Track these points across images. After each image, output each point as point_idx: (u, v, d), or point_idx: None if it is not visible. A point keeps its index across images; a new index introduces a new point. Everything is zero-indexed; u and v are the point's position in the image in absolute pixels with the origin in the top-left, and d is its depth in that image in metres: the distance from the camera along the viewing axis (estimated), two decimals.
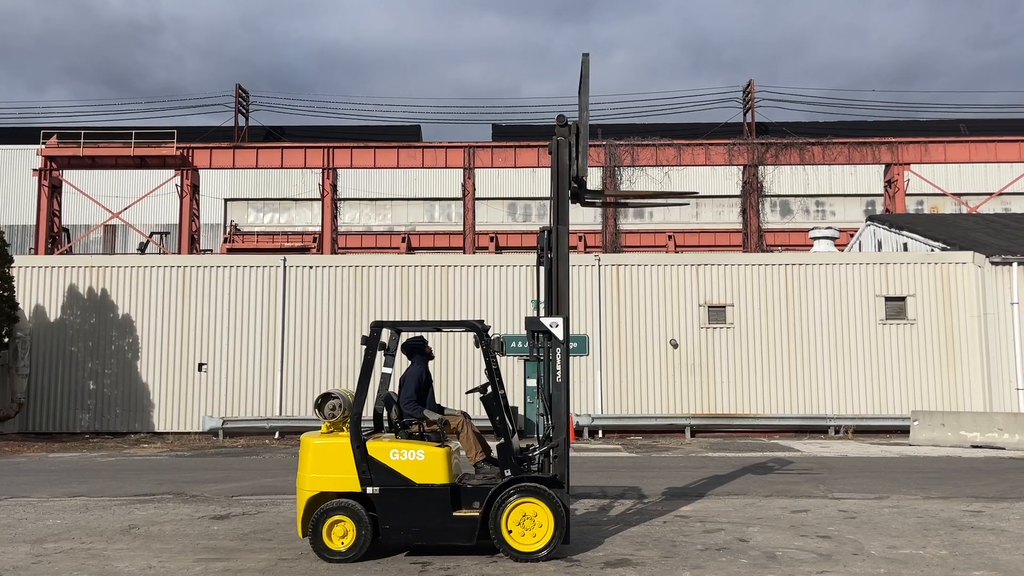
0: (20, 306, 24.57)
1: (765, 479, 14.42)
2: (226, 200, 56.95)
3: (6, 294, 23.36)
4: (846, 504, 11.55)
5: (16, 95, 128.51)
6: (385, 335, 8.91)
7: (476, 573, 7.77)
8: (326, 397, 8.70)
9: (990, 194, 47.21)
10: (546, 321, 8.75)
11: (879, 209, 49.57)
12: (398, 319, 24.34)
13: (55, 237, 41.65)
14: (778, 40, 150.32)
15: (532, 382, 23.83)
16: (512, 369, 24.45)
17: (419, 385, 8.97)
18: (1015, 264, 24.44)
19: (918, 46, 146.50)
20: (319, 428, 8.85)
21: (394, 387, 9.05)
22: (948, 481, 14.09)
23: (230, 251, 48.89)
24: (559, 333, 8.64)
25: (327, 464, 8.38)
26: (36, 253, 40.46)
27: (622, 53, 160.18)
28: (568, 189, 9.31)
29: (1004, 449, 20.31)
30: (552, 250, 9.11)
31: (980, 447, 20.76)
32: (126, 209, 43.76)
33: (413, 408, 8.80)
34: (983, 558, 8.24)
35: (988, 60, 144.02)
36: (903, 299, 25.35)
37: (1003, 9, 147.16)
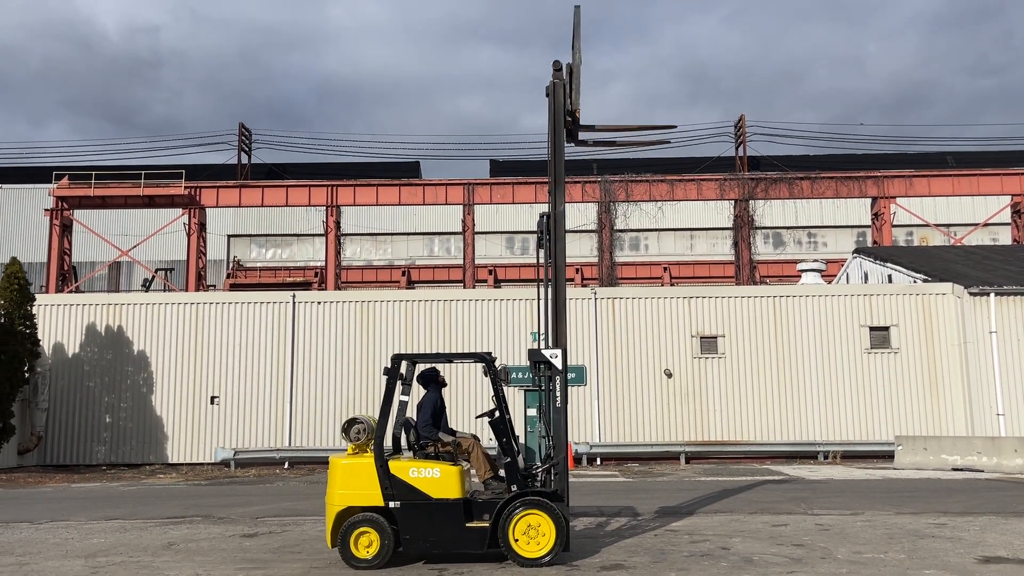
0: (41, 342, 25.59)
1: (751, 499, 15.43)
2: (229, 236, 58.18)
3: (28, 331, 24.42)
4: (823, 519, 12.59)
5: (15, 130, 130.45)
6: (403, 366, 9.99)
7: None
8: (352, 422, 9.77)
9: (976, 225, 48.52)
10: (547, 352, 9.87)
11: (870, 240, 50.84)
12: (404, 352, 25.40)
13: (65, 275, 42.79)
14: (775, 70, 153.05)
15: (532, 411, 24.80)
16: (512, 400, 25.45)
17: (434, 411, 10.06)
18: (992, 295, 25.57)
19: (915, 75, 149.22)
20: (328, 458, 9.92)
21: (411, 413, 10.12)
22: (922, 499, 15.12)
23: (233, 287, 49.98)
24: (558, 363, 9.76)
25: (353, 481, 9.42)
26: (47, 291, 41.53)
27: (620, 84, 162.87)
28: (564, 128, 10.63)
29: (983, 472, 21.31)
30: (550, 233, 10.34)
31: (960, 470, 21.77)
32: (135, 247, 44.91)
33: (429, 431, 9.88)
34: (936, 560, 9.28)
35: (984, 88, 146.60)
36: (887, 329, 26.47)
37: (999, 38, 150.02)
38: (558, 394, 9.77)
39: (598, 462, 25.61)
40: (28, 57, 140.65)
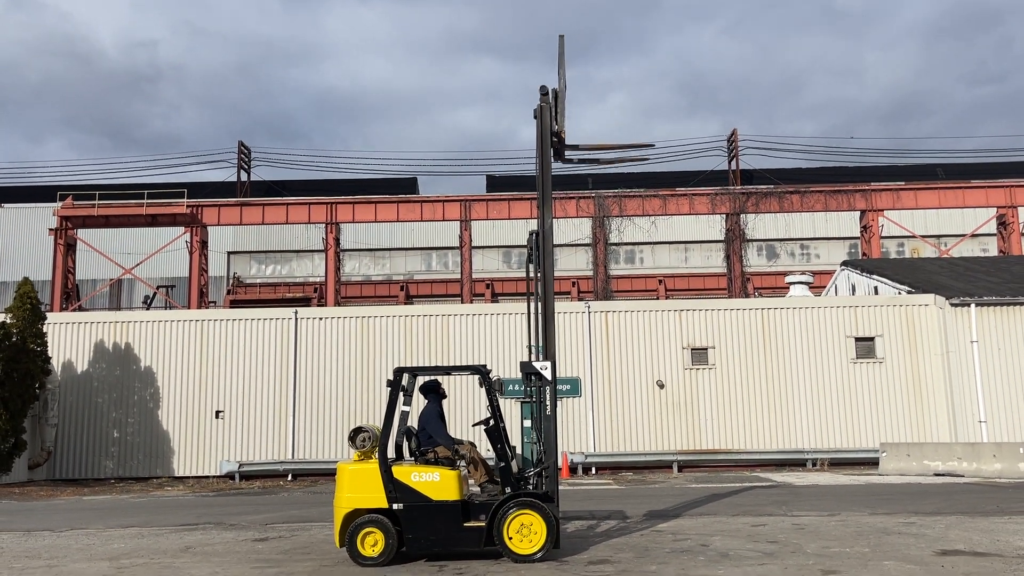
0: (51, 359, 26.33)
1: (736, 503, 16.21)
2: (229, 253, 59.00)
3: (39, 349, 25.17)
4: (800, 520, 13.37)
5: (13, 147, 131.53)
6: (404, 379, 10.78)
7: (483, 572, 9.57)
8: (357, 431, 10.56)
9: (964, 236, 49.43)
10: (537, 364, 10.69)
11: (861, 251, 51.71)
12: (405, 366, 26.19)
13: (69, 293, 43.56)
14: (773, 81, 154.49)
15: (528, 423, 25.57)
16: (510, 412, 26.20)
17: (442, 421, 10.90)
18: (973, 305, 26.42)
19: (913, 84, 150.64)
20: (331, 469, 10.71)
21: (412, 422, 10.92)
22: (897, 502, 15.90)
23: (233, 303, 50.76)
24: (548, 374, 10.57)
25: (360, 485, 10.20)
26: (51, 309, 42.28)
27: (619, 96, 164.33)
28: (551, 147, 11.50)
29: (963, 476, 22.10)
30: (538, 249, 11.18)
31: (942, 475, 22.56)
32: (137, 265, 45.70)
33: (448, 441, 10.70)
34: (897, 553, 10.07)
35: (983, 97, 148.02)
36: (872, 339, 27.29)
37: (997, 46, 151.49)
38: (548, 402, 10.57)
39: (593, 471, 26.36)
40: (26, 74, 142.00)
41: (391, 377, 10.63)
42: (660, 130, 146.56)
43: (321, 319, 28.13)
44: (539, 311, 11.36)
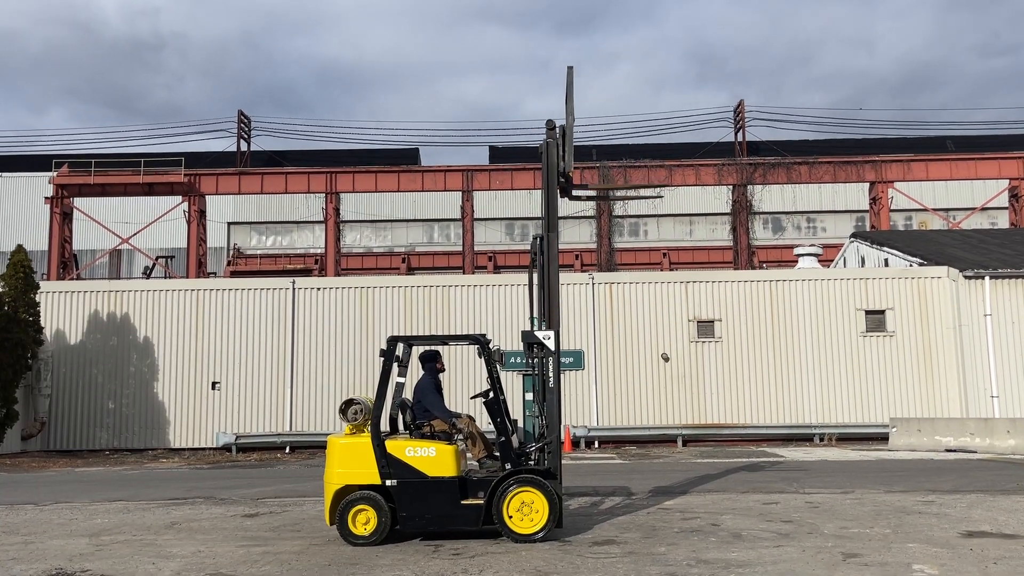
0: (44, 329, 25.79)
1: (745, 479, 15.66)
2: (229, 224, 58.37)
3: (31, 318, 24.63)
4: (813, 497, 12.81)
5: (15, 117, 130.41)
6: (399, 348, 10.19)
7: (482, 552, 9.02)
8: (349, 403, 9.98)
9: (974, 209, 48.63)
10: (540, 334, 10.07)
11: (868, 224, 50.93)
12: (399, 334, 25.61)
13: (66, 263, 42.98)
14: (784, 51, 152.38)
15: (530, 395, 25.04)
16: (511, 384, 25.66)
17: (438, 393, 10.33)
18: (987, 278, 25.77)
19: (925, 55, 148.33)
20: (326, 444, 10.12)
21: (407, 394, 10.34)
22: (912, 479, 15.35)
23: (234, 274, 50.10)
24: (551, 344, 9.96)
25: (351, 460, 9.63)
26: (48, 278, 41.72)
27: (626, 66, 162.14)
28: (556, 185, 10.76)
29: (975, 452, 21.54)
30: (543, 254, 10.50)
31: (953, 451, 22.01)
32: (135, 235, 45.06)
33: (446, 415, 10.14)
34: (920, 535, 9.50)
35: (996, 68, 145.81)
36: (882, 312, 26.67)
37: (1011, 17, 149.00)
38: (550, 374, 9.97)
39: (596, 445, 25.87)
40: (28, 43, 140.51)
41: (384, 347, 10.04)
42: (668, 101, 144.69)
43: (319, 289, 27.54)
44: (543, 283, 10.69)
